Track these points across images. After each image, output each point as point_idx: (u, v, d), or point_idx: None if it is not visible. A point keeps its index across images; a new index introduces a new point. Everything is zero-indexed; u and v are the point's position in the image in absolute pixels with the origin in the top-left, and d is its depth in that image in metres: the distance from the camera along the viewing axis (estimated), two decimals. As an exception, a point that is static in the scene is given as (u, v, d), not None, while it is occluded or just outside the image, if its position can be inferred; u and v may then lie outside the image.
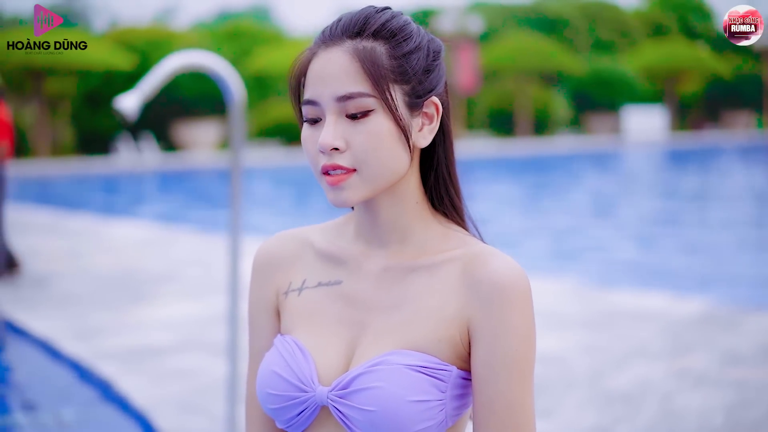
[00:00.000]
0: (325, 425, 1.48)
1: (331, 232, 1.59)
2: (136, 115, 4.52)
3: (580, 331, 7.24)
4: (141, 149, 27.97)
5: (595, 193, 20.11)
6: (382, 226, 1.50)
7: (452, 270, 1.46)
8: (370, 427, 1.41)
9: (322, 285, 1.54)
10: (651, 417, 5.31)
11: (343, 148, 1.42)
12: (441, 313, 1.44)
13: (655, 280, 10.02)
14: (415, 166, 1.49)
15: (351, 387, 1.43)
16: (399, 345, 1.44)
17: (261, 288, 1.62)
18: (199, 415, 5.38)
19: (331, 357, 1.48)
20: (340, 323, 1.50)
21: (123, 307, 8.29)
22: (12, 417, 5.69)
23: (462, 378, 1.44)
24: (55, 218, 14.84)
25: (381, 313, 1.48)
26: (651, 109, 39.93)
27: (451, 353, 1.44)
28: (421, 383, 1.40)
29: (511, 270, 1.43)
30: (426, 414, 1.40)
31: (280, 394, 1.48)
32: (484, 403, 1.42)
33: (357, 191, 1.43)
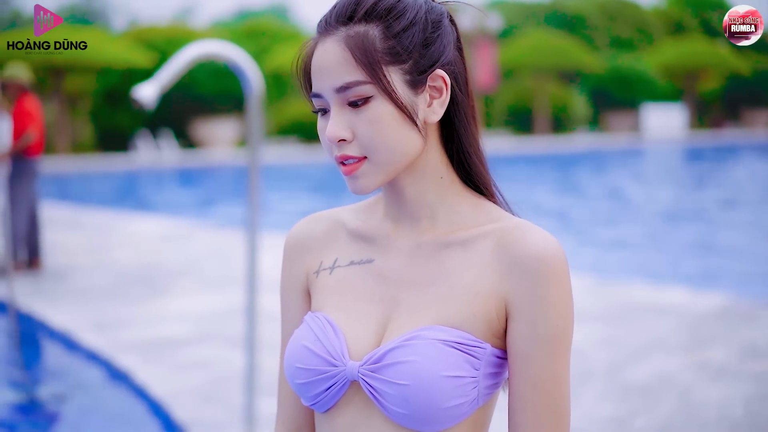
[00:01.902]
0: (353, 402, 1.46)
1: (362, 212, 1.58)
2: (154, 105, 4.52)
3: (598, 324, 7.21)
4: (160, 146, 28.07)
5: (613, 190, 20.04)
6: (408, 203, 1.49)
7: (486, 245, 1.44)
8: (403, 402, 1.39)
9: (354, 263, 1.53)
10: (669, 409, 5.29)
11: (349, 138, 1.41)
12: (476, 289, 1.43)
13: (674, 275, 9.98)
14: (433, 141, 1.47)
15: (383, 361, 1.41)
16: (433, 321, 1.43)
17: (291, 270, 1.61)
18: (217, 406, 5.39)
19: (362, 333, 1.47)
20: (372, 300, 1.49)
21: (142, 300, 8.32)
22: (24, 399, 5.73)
23: (496, 356, 1.43)
24: (75, 214, 14.91)
25: (414, 290, 1.46)
26: (670, 107, 39.76)
27: (486, 330, 1.42)
28: (455, 359, 1.39)
29: (548, 244, 1.41)
30: (459, 390, 1.39)
31: (309, 368, 1.47)
32: (527, 380, 1.41)
33: (372, 178, 1.43)
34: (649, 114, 38.73)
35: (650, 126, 38.49)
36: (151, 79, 4.62)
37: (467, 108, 1.50)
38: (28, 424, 5.47)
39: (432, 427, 1.41)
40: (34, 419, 5.56)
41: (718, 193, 19.52)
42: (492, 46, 34.73)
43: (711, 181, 22.44)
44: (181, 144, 29.81)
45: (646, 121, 38.77)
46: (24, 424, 5.45)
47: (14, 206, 9.35)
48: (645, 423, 5.07)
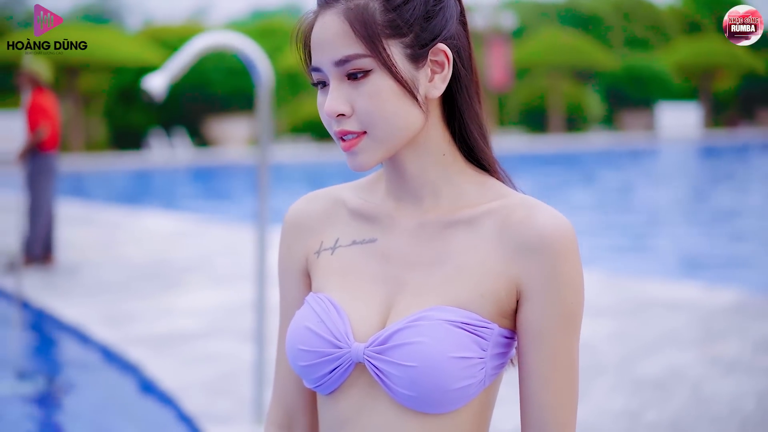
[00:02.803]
0: (358, 384, 1.44)
1: (363, 189, 1.55)
2: (163, 96, 4.52)
3: (611, 319, 7.18)
4: (173, 145, 28.13)
5: (628, 188, 19.98)
6: (410, 181, 1.46)
7: (492, 223, 1.41)
8: (410, 384, 1.37)
9: (356, 243, 1.50)
10: (681, 402, 5.25)
11: (348, 113, 1.38)
12: (483, 269, 1.40)
13: (688, 271, 9.93)
14: (435, 117, 1.44)
15: (390, 342, 1.38)
16: (440, 301, 1.40)
17: (290, 250, 1.58)
18: (227, 398, 5.38)
19: (366, 314, 1.44)
20: (376, 281, 1.46)
21: (153, 294, 8.32)
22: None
23: (503, 337, 1.41)
24: (88, 210, 14.94)
25: (419, 270, 1.44)
26: (685, 106, 39.63)
27: (494, 310, 1.39)
28: (463, 340, 1.36)
29: (557, 221, 1.39)
30: (467, 372, 1.37)
31: (312, 350, 1.44)
32: (543, 359, 1.39)
33: (371, 154, 1.40)
34: (663, 113, 38.60)
35: (665, 125, 38.36)
36: (160, 70, 4.62)
37: (470, 83, 1.47)
38: (36, 417, 5.48)
39: (439, 409, 1.39)
40: (43, 412, 5.57)
41: (732, 191, 19.43)
42: (506, 45, 34.67)
43: (725, 179, 22.34)
44: (195, 142, 29.87)
45: (660, 120, 38.63)
46: (31, 417, 5.46)
47: (33, 203, 9.38)
48: (656, 416, 5.03)
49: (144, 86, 4.51)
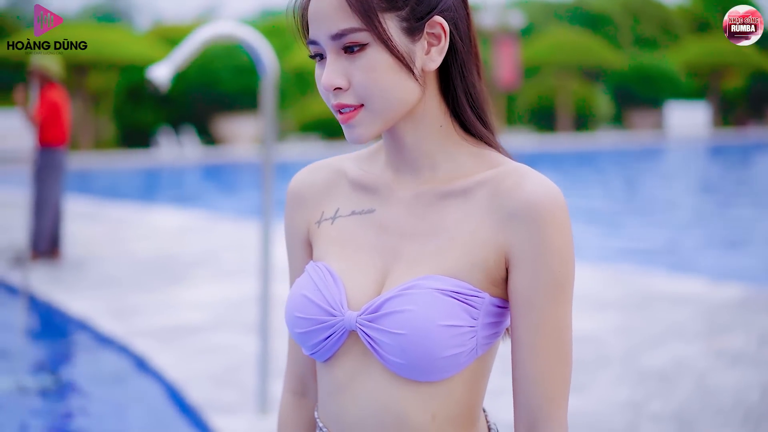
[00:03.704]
0: (352, 351, 1.45)
1: (364, 160, 1.56)
2: (168, 85, 4.53)
3: (616, 313, 7.18)
4: (182, 143, 28.17)
5: (636, 186, 19.95)
6: (408, 152, 1.47)
7: (484, 192, 1.42)
8: (400, 352, 1.38)
9: (356, 213, 1.51)
10: (685, 393, 5.25)
11: (345, 87, 1.39)
12: (474, 238, 1.41)
13: (693, 266, 9.92)
14: (432, 90, 1.45)
15: (381, 311, 1.40)
16: (432, 271, 1.41)
17: (293, 220, 1.60)
18: (232, 389, 5.40)
19: (361, 283, 1.46)
20: (373, 251, 1.48)
21: (159, 288, 8.35)
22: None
23: (494, 306, 1.41)
24: (96, 207, 14.98)
25: (414, 240, 1.45)
26: (694, 105, 39.54)
27: (484, 278, 1.40)
28: (452, 308, 1.37)
29: (546, 189, 1.39)
30: (457, 340, 1.37)
31: (308, 317, 1.46)
32: (531, 328, 1.39)
33: (369, 127, 1.41)
34: (672, 112, 38.52)
35: (674, 124, 38.28)
36: (165, 60, 4.63)
37: (468, 56, 1.47)
38: (41, 409, 5.50)
39: (429, 376, 1.39)
40: (49, 404, 5.59)
41: (739, 189, 19.39)
42: (514, 44, 34.65)
43: (733, 177, 22.29)
44: (203, 141, 29.91)
45: (669, 119, 38.56)
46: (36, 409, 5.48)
47: (40, 198, 9.41)
48: (660, 407, 5.03)
49: (149, 76, 4.53)
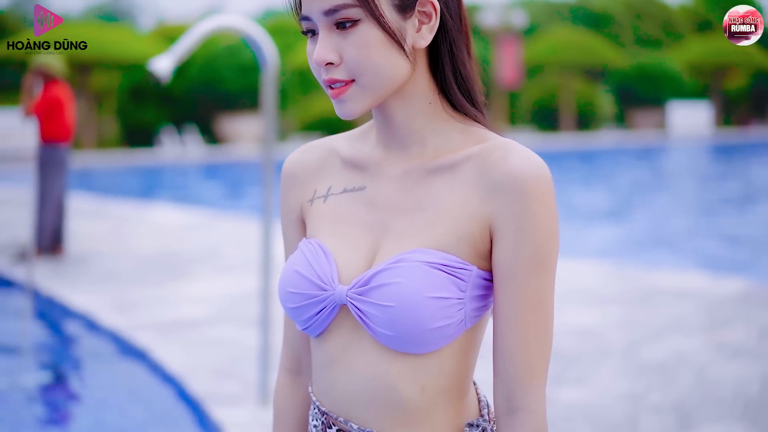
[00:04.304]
0: (344, 326, 1.47)
1: (355, 139, 1.59)
2: (169, 78, 4.55)
3: (618, 307, 7.19)
4: (185, 142, 28.19)
5: (639, 184, 19.96)
6: (397, 130, 1.49)
7: (471, 167, 1.44)
8: (389, 324, 1.39)
9: (347, 191, 1.54)
10: (686, 385, 5.26)
11: (337, 62, 1.41)
12: (461, 211, 1.43)
13: (695, 262, 9.93)
14: (422, 67, 1.47)
15: (370, 284, 1.42)
16: (420, 244, 1.43)
17: (287, 199, 1.63)
18: (233, 381, 5.41)
19: (352, 258, 1.48)
20: (364, 227, 1.50)
21: (162, 283, 8.37)
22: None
23: (482, 278, 1.42)
24: (99, 204, 15.00)
25: (403, 216, 1.47)
26: (696, 105, 39.49)
27: (471, 251, 1.42)
28: (440, 280, 1.39)
29: (531, 163, 1.40)
30: (445, 312, 1.39)
31: (299, 292, 1.48)
32: (510, 299, 1.40)
33: (359, 102, 1.43)
34: (675, 111, 38.47)
35: (676, 123, 38.23)
36: (166, 52, 4.65)
37: (458, 34, 1.48)
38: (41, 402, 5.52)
39: (419, 348, 1.41)
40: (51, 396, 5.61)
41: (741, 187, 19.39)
42: (517, 43, 34.64)
43: (735, 176, 22.28)
44: (206, 140, 29.92)
45: (672, 118, 38.51)
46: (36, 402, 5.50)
47: (43, 195, 9.43)
48: (660, 399, 5.05)
49: (151, 68, 4.55)
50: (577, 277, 8.58)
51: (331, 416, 1.50)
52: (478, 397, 1.54)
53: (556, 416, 4.77)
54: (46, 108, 9.38)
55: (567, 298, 7.54)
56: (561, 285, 8.01)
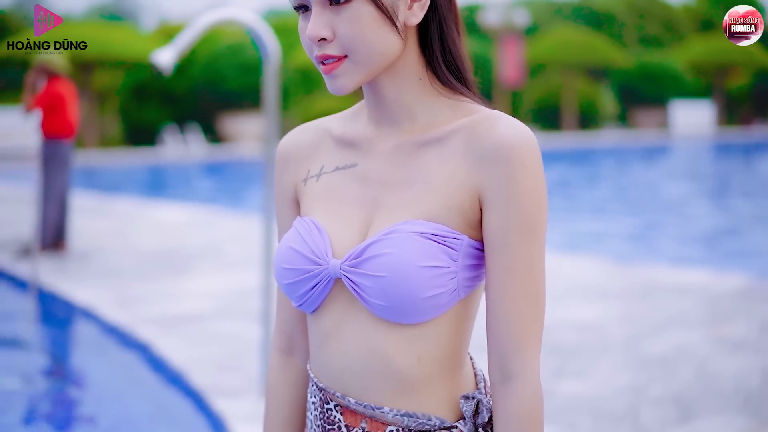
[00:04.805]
0: (339, 300, 1.49)
1: (348, 118, 1.61)
2: (171, 70, 4.57)
3: (619, 302, 7.20)
4: (187, 141, 28.21)
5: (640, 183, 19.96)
6: (388, 106, 1.51)
7: (460, 138, 1.46)
8: (382, 294, 1.41)
9: (339, 169, 1.56)
10: (686, 378, 5.28)
11: (330, 38, 1.42)
12: (450, 182, 1.44)
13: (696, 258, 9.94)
14: (412, 44, 1.49)
15: (363, 256, 1.43)
16: (411, 216, 1.45)
17: (281, 180, 1.65)
18: (234, 374, 5.43)
19: (345, 233, 1.50)
20: (357, 203, 1.51)
21: (164, 279, 8.38)
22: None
23: (474, 248, 1.44)
24: (101, 202, 15.03)
25: (395, 189, 1.49)
26: (699, 104, 39.48)
27: (461, 221, 1.43)
28: (431, 250, 1.40)
29: (517, 130, 1.42)
30: (437, 281, 1.40)
31: (294, 268, 1.50)
32: (501, 267, 1.41)
33: (351, 77, 1.44)
34: (677, 111, 38.47)
35: (679, 123, 38.23)
36: (169, 45, 4.67)
37: (448, 12, 1.51)
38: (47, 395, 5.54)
39: (413, 318, 1.42)
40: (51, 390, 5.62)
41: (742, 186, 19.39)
42: (519, 42, 34.64)
43: (736, 175, 22.28)
44: (208, 139, 29.95)
45: (674, 117, 38.51)
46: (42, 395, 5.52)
47: (46, 191, 9.45)
48: (661, 391, 5.06)
49: (153, 60, 4.56)
50: (578, 272, 8.59)
51: (329, 392, 1.51)
52: (475, 371, 1.55)
53: (557, 408, 4.79)
54: (48, 103, 9.40)
55: (568, 293, 7.56)
56: (562, 280, 8.06)
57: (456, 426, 1.47)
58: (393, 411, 1.45)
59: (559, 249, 10.04)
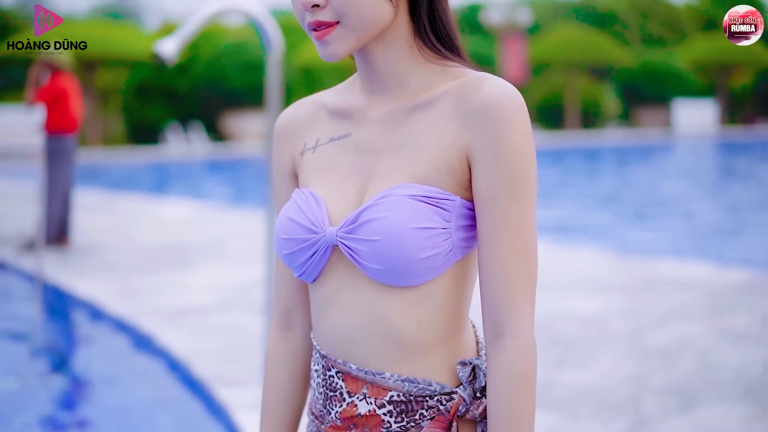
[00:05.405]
0: (337, 268, 1.50)
1: (342, 90, 1.63)
2: (174, 60, 4.57)
3: (621, 296, 7.21)
4: (190, 139, 28.23)
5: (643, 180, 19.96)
6: (379, 74, 1.53)
7: (448, 101, 1.48)
8: (377, 258, 1.43)
9: (334, 140, 1.58)
10: (688, 369, 5.29)
11: (322, 4, 1.44)
12: (440, 144, 1.46)
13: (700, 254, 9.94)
14: (403, 11, 1.51)
15: (358, 221, 1.45)
16: (403, 180, 1.46)
17: (279, 155, 1.67)
18: (238, 364, 5.45)
19: (341, 201, 1.52)
20: (352, 171, 1.53)
21: (167, 273, 8.40)
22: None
23: (467, 208, 1.45)
24: (105, 199, 15.06)
25: (387, 155, 1.51)
26: (701, 103, 39.46)
27: (452, 182, 1.45)
28: (424, 211, 1.42)
29: (503, 90, 1.44)
30: (431, 242, 1.42)
31: (292, 237, 1.52)
32: (491, 225, 1.43)
33: (343, 43, 1.46)
34: (680, 110, 38.44)
35: (681, 122, 38.20)
36: (172, 35, 4.67)
37: None
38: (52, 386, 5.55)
39: (410, 280, 1.44)
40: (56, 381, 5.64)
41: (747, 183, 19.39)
42: (522, 41, 34.65)
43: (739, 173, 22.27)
44: (211, 137, 29.97)
45: (677, 116, 38.49)
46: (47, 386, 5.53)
47: (50, 186, 9.46)
48: (663, 381, 5.07)
49: (156, 50, 4.57)
50: (580, 266, 8.61)
51: (330, 359, 1.52)
52: (477, 339, 1.56)
53: (558, 397, 4.80)
54: (51, 98, 9.41)
55: (570, 286, 7.57)
56: (565, 274, 8.08)
57: (456, 391, 1.48)
58: (394, 376, 1.46)
59: (560, 242, 10.05)
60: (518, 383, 1.42)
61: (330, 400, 1.53)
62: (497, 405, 1.43)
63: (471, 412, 1.48)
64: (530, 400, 1.43)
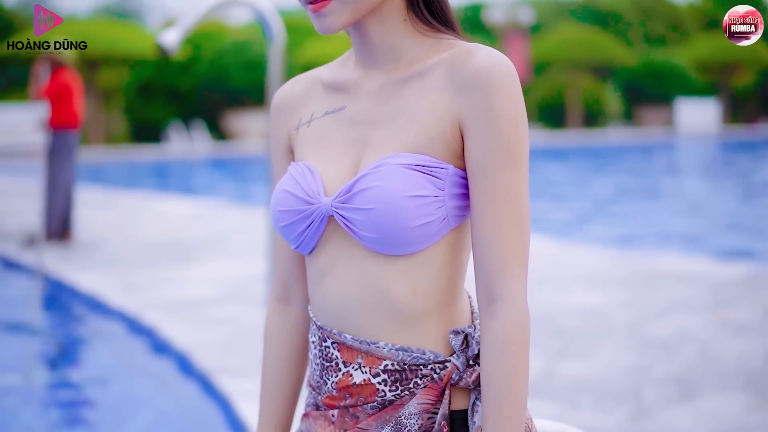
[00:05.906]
0: (333, 238, 1.52)
1: (337, 65, 1.65)
2: (177, 50, 4.59)
3: (622, 289, 7.22)
4: (192, 138, 28.25)
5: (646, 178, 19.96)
6: (373, 47, 1.55)
7: (440, 71, 1.49)
8: (371, 226, 1.44)
9: (329, 113, 1.60)
10: (689, 360, 5.30)
11: None
12: (432, 113, 1.48)
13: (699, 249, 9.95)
14: None
15: (352, 191, 1.47)
16: (396, 149, 1.48)
17: (275, 130, 1.69)
18: (240, 355, 5.46)
19: (336, 172, 1.54)
20: (346, 143, 1.55)
21: (169, 267, 8.42)
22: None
23: (460, 177, 1.47)
24: (107, 196, 15.08)
25: (381, 126, 1.52)
26: (704, 102, 39.42)
27: (445, 150, 1.46)
28: (417, 180, 1.43)
29: (494, 59, 1.45)
30: (424, 209, 1.43)
31: (288, 209, 1.54)
32: (483, 193, 1.44)
33: (339, 16, 1.48)
34: (682, 109, 38.40)
35: (684, 121, 38.16)
36: (174, 25, 4.69)
37: None
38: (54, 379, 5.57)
39: (405, 248, 1.45)
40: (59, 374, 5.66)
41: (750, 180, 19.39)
42: (524, 40, 34.65)
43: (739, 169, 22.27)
44: (213, 136, 29.99)
45: (679, 115, 38.44)
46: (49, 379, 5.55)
47: (52, 181, 9.48)
48: (664, 372, 5.08)
49: (158, 41, 4.58)
50: (581, 261, 8.62)
51: (326, 329, 1.53)
52: (472, 309, 1.57)
53: (559, 388, 4.81)
54: (54, 94, 9.43)
55: (572, 280, 7.58)
56: (567, 269, 8.09)
57: (449, 360, 1.49)
58: (388, 345, 1.48)
59: (563, 237, 10.06)
60: (511, 349, 1.43)
61: (326, 370, 1.54)
62: (490, 371, 1.44)
63: (464, 380, 1.49)
64: (523, 365, 1.44)
